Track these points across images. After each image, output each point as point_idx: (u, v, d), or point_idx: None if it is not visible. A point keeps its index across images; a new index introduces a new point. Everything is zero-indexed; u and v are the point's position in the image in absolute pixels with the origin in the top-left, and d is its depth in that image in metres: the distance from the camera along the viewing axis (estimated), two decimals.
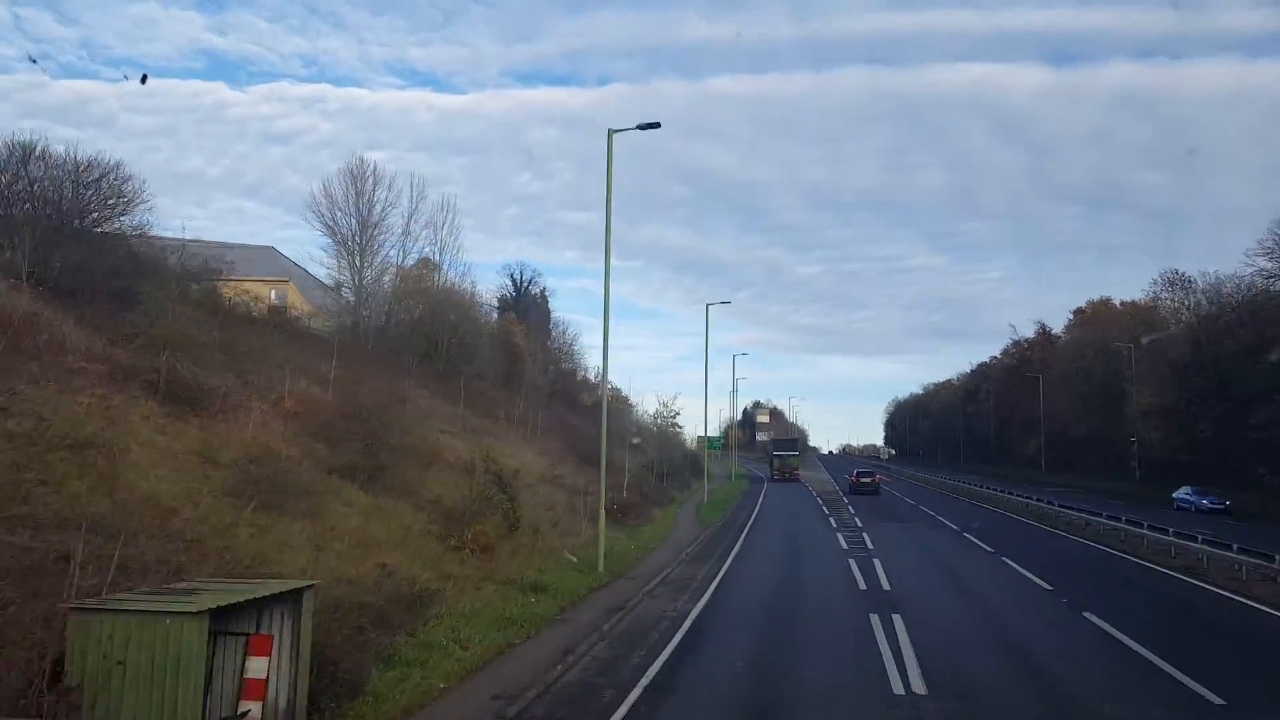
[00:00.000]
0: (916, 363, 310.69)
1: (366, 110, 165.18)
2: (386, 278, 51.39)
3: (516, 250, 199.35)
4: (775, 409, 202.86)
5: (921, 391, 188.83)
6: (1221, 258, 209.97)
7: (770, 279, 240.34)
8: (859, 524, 38.32)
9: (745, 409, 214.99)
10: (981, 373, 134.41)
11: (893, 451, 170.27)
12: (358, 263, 50.38)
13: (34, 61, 57.94)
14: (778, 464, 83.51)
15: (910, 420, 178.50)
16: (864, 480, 62.31)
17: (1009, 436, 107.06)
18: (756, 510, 46.24)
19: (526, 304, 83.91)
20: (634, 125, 22.06)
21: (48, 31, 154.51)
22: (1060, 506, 40.28)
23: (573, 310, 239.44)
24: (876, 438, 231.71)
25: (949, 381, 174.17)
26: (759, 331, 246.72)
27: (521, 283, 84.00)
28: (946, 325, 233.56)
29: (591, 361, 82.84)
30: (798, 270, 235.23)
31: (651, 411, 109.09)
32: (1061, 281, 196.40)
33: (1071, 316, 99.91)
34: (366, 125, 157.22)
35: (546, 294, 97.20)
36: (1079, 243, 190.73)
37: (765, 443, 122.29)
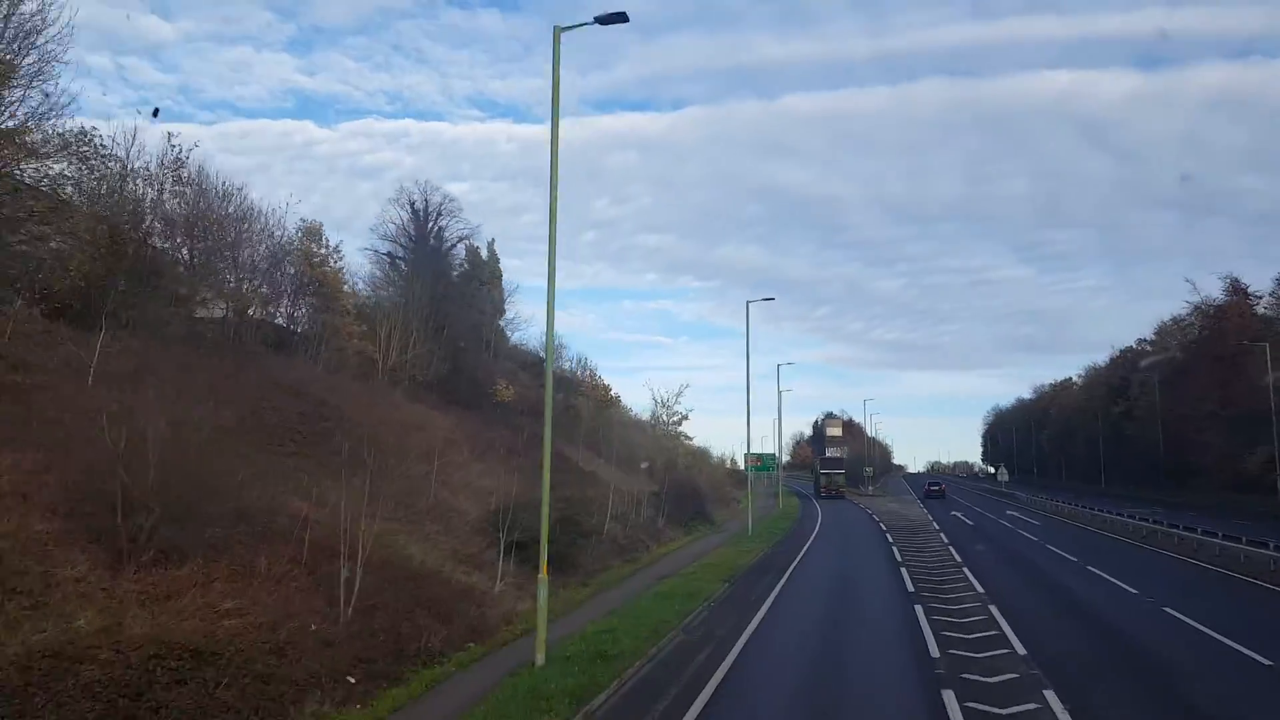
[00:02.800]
0: (1008, 376, 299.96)
1: (449, 143, 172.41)
2: None
3: (594, 275, 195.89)
4: (850, 421, 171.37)
5: (1033, 396, 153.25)
6: None
7: (849, 295, 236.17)
8: None
9: (815, 422, 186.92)
10: (1128, 361, 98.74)
11: (996, 473, 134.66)
12: None
13: (155, 115, 40.89)
14: (824, 481, 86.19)
15: (1020, 432, 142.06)
16: (934, 489, 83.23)
17: (1193, 447, 71.67)
18: None
19: (431, 243, 53.82)
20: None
21: (148, 79, 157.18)
22: None
23: (650, 331, 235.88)
24: (970, 453, 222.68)
25: (1068, 381, 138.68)
26: (838, 348, 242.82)
27: (426, 215, 53.76)
28: (1036, 338, 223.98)
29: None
30: (878, 285, 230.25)
31: (649, 414, 77.82)
32: (1156, 290, 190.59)
33: None
34: (449, 157, 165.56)
35: (495, 247, 67.53)
36: (1173, 249, 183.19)
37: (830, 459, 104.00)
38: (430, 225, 53.79)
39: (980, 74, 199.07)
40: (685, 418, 65.37)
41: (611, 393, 69.50)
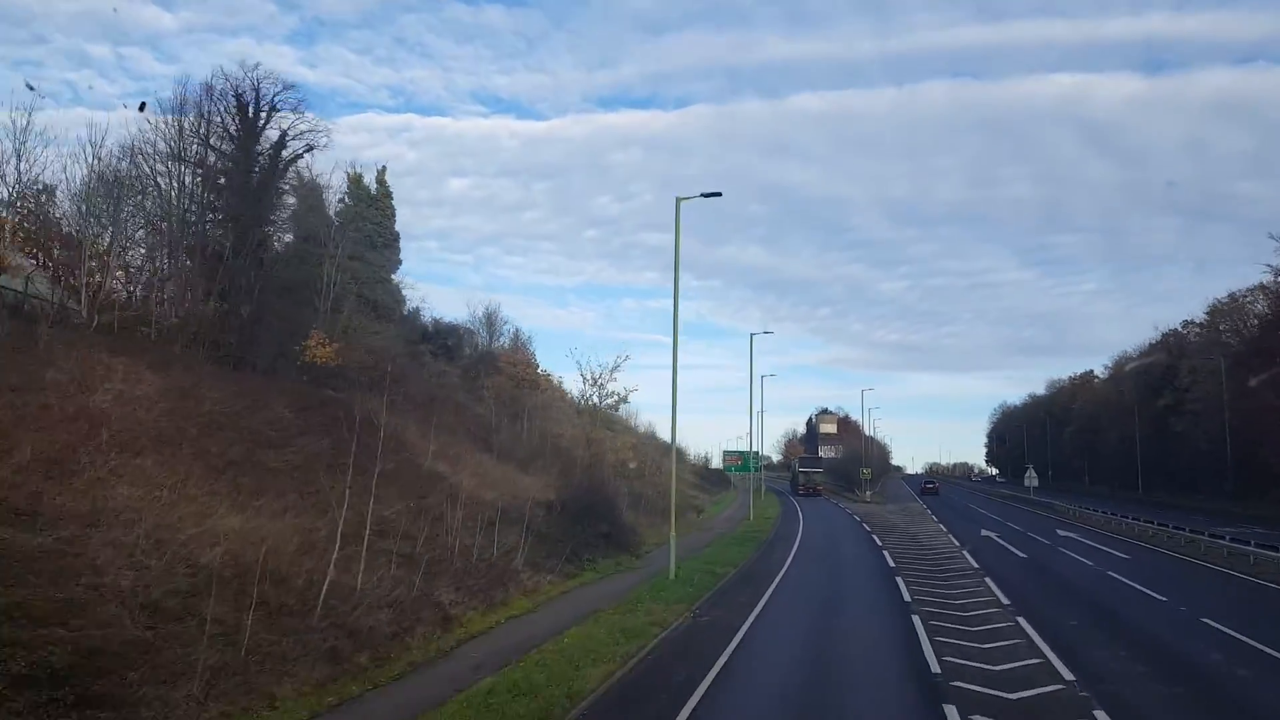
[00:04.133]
0: (1010, 378, 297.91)
1: (452, 138, 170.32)
2: None
3: (595, 272, 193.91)
4: (847, 418, 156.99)
5: (1047, 392, 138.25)
6: None
7: (852, 296, 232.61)
8: None
9: (810, 419, 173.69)
10: (1172, 346, 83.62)
11: (1025, 478, 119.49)
12: None
13: (142, 109, 33.06)
14: (802, 479, 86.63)
15: (1034, 430, 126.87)
16: (929, 487, 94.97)
17: (1272, 445, 56.43)
18: None
19: (261, 149, 38.46)
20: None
21: (149, 69, 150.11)
22: None
23: (650, 330, 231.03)
24: (969, 455, 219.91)
25: (1089, 375, 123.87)
26: (840, 349, 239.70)
27: (258, 107, 38.16)
28: (1039, 340, 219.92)
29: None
30: (881, 286, 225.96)
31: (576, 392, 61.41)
32: (1158, 293, 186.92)
33: None
34: (452, 153, 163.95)
35: (385, 176, 52.18)
36: (1177, 254, 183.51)
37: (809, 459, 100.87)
38: (261, 124, 38.34)
39: (984, 76, 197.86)
40: (624, 399, 49.94)
41: (540, 370, 54.20)
